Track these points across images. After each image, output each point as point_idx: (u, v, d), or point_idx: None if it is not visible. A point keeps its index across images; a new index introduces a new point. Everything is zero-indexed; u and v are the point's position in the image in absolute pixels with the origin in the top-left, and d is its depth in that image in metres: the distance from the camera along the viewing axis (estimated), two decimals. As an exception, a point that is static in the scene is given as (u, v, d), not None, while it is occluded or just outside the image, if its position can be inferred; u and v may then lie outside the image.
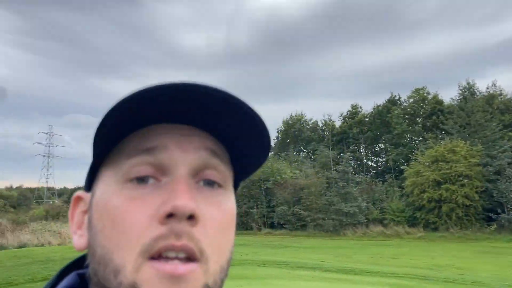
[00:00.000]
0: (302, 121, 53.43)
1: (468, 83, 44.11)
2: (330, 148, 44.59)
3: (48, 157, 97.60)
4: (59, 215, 49.87)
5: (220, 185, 0.56)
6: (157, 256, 0.49)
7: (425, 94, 44.76)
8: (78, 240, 0.58)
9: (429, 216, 32.54)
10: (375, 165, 49.14)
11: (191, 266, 0.50)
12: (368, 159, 49.49)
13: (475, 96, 42.65)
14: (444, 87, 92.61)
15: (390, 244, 28.22)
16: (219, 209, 0.54)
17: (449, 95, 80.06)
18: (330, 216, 34.04)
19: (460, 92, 43.96)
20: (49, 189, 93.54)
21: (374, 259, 20.19)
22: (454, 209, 31.37)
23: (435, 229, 31.99)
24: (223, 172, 0.57)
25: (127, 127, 0.53)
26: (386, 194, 37.50)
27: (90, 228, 0.56)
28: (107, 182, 0.55)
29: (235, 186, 0.62)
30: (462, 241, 28.50)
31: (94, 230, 0.54)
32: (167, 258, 0.49)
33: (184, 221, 0.50)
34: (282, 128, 53.77)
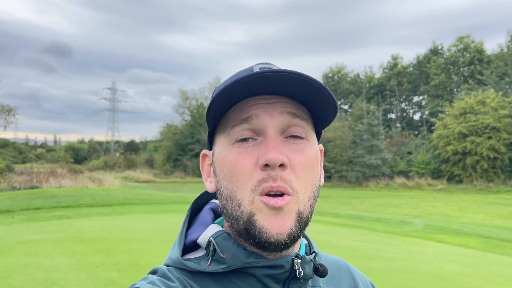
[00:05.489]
0: (341, 73, 53.01)
1: (517, 29, 41.29)
2: (365, 100, 44.46)
3: (113, 112, 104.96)
4: (115, 166, 55.16)
5: (302, 137, 0.76)
6: (263, 193, 0.71)
7: (469, 43, 42.58)
8: (209, 185, 0.83)
9: (453, 168, 32.43)
10: (411, 117, 48.26)
11: (287, 199, 0.71)
12: (403, 112, 48.67)
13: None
14: None
15: (406, 195, 28.84)
16: (303, 154, 0.75)
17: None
18: (354, 168, 34.98)
19: (509, 39, 41.38)
20: (117, 142, 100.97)
21: (374, 207, 21.41)
22: (479, 162, 30.99)
23: (460, 181, 31.93)
24: (304, 127, 0.76)
25: (228, 104, 0.74)
26: (417, 147, 37.42)
27: (215, 176, 0.80)
28: (221, 144, 0.78)
29: (318, 134, 0.84)
30: (482, 193, 28.41)
31: (219, 177, 0.78)
32: (270, 196, 0.71)
33: (277, 168, 0.71)
34: (322, 81, 53.63)
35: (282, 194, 0.71)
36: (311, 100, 0.75)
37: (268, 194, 0.71)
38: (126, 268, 6.21)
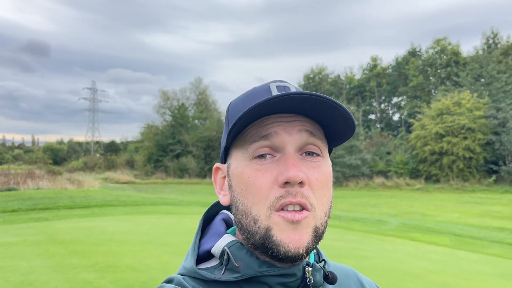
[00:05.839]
0: (322, 74, 53.48)
1: (492, 32, 42.43)
2: (345, 101, 45.03)
3: (93, 112, 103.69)
4: (95, 167, 54.52)
5: (318, 155, 0.78)
6: (280, 209, 0.73)
7: (446, 45, 43.54)
8: (222, 198, 0.85)
9: (431, 168, 33.15)
10: (390, 118, 49.10)
11: (305, 213, 0.73)
12: (383, 113, 49.48)
13: (498, 45, 41.13)
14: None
15: (385, 195, 29.36)
16: (319, 172, 0.77)
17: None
18: (334, 168, 35.39)
19: (485, 41, 42.50)
20: (97, 142, 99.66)
21: (354, 207, 21.75)
22: (455, 162, 31.75)
23: (437, 181, 32.64)
24: (319, 145, 0.78)
25: (248, 122, 0.76)
26: (396, 147, 38.09)
27: (231, 190, 0.81)
28: (239, 159, 0.79)
29: (330, 151, 0.86)
30: (458, 193, 29.10)
31: (235, 192, 0.79)
32: (287, 211, 0.73)
33: (296, 186, 0.72)
34: (303, 82, 54.15)
35: (300, 209, 0.73)
36: (329, 120, 0.78)
37: (285, 209, 0.73)
38: (104, 269, 6.26)
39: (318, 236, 0.75)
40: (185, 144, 44.73)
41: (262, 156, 0.76)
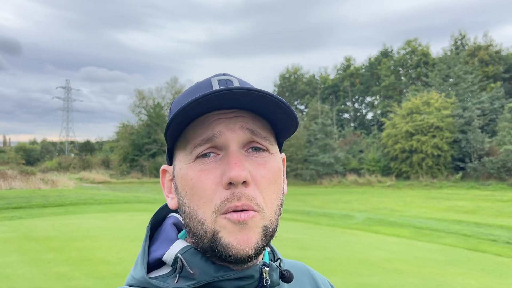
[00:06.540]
0: (298, 74, 54.24)
1: (460, 33, 43.96)
2: (319, 101, 45.84)
3: (67, 111, 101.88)
4: (69, 167, 53.85)
5: (264, 150, 0.75)
6: (226, 212, 0.70)
7: (416, 46, 44.88)
8: (170, 202, 0.81)
9: (401, 165, 34.23)
10: (364, 117, 50.25)
11: (251, 213, 0.70)
12: (356, 112, 50.59)
13: (466, 47, 42.69)
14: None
15: (357, 191, 30.14)
16: (265, 168, 0.74)
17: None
18: (308, 166, 36.11)
19: (453, 42, 44.02)
20: (71, 142, 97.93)
21: (326, 203, 22.33)
22: (425, 159, 32.89)
23: (407, 178, 33.72)
24: (265, 139, 0.76)
25: (187, 120, 0.73)
26: (368, 146, 39.10)
27: (177, 193, 0.78)
28: (182, 161, 0.76)
29: (280, 144, 0.84)
30: (427, 189, 30.13)
31: (180, 195, 0.76)
32: (233, 211, 0.70)
33: (240, 186, 0.70)
34: (279, 82, 54.78)
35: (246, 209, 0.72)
36: (272, 114, 0.75)
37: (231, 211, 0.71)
38: (78, 263, 6.56)
39: (268, 235, 0.73)
40: (161, 144, 44.70)
41: (205, 155, 0.74)
